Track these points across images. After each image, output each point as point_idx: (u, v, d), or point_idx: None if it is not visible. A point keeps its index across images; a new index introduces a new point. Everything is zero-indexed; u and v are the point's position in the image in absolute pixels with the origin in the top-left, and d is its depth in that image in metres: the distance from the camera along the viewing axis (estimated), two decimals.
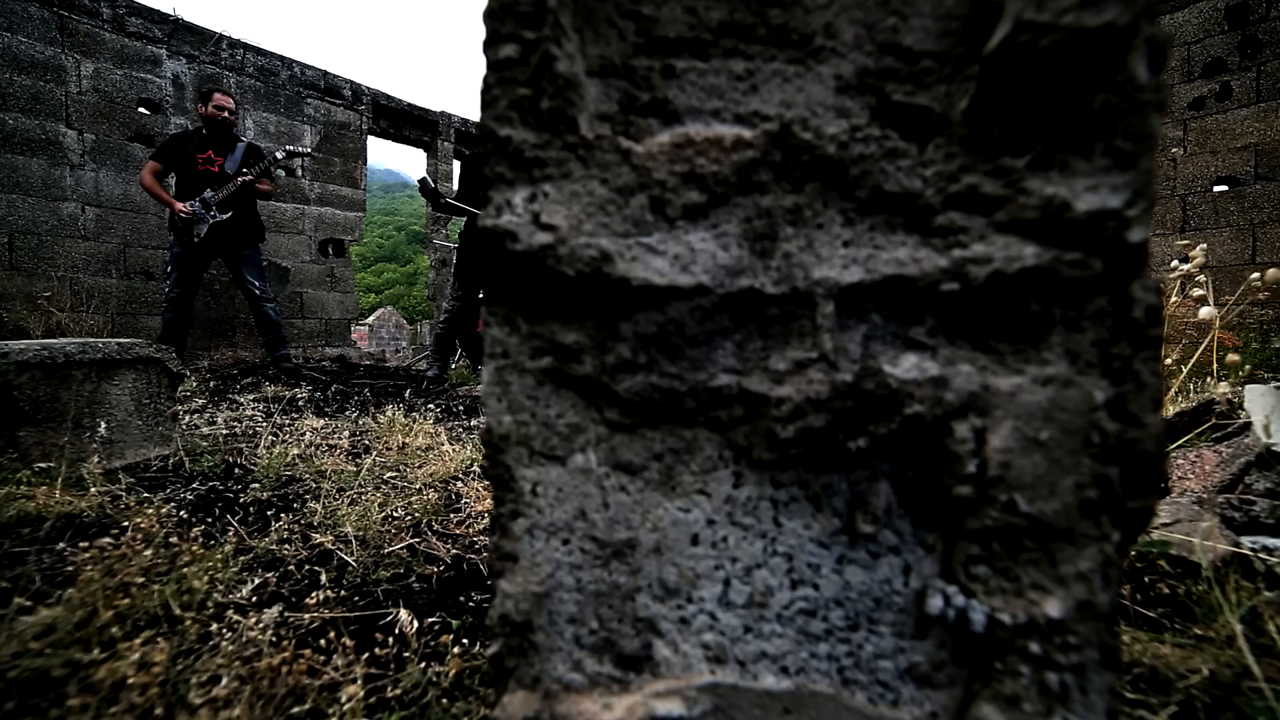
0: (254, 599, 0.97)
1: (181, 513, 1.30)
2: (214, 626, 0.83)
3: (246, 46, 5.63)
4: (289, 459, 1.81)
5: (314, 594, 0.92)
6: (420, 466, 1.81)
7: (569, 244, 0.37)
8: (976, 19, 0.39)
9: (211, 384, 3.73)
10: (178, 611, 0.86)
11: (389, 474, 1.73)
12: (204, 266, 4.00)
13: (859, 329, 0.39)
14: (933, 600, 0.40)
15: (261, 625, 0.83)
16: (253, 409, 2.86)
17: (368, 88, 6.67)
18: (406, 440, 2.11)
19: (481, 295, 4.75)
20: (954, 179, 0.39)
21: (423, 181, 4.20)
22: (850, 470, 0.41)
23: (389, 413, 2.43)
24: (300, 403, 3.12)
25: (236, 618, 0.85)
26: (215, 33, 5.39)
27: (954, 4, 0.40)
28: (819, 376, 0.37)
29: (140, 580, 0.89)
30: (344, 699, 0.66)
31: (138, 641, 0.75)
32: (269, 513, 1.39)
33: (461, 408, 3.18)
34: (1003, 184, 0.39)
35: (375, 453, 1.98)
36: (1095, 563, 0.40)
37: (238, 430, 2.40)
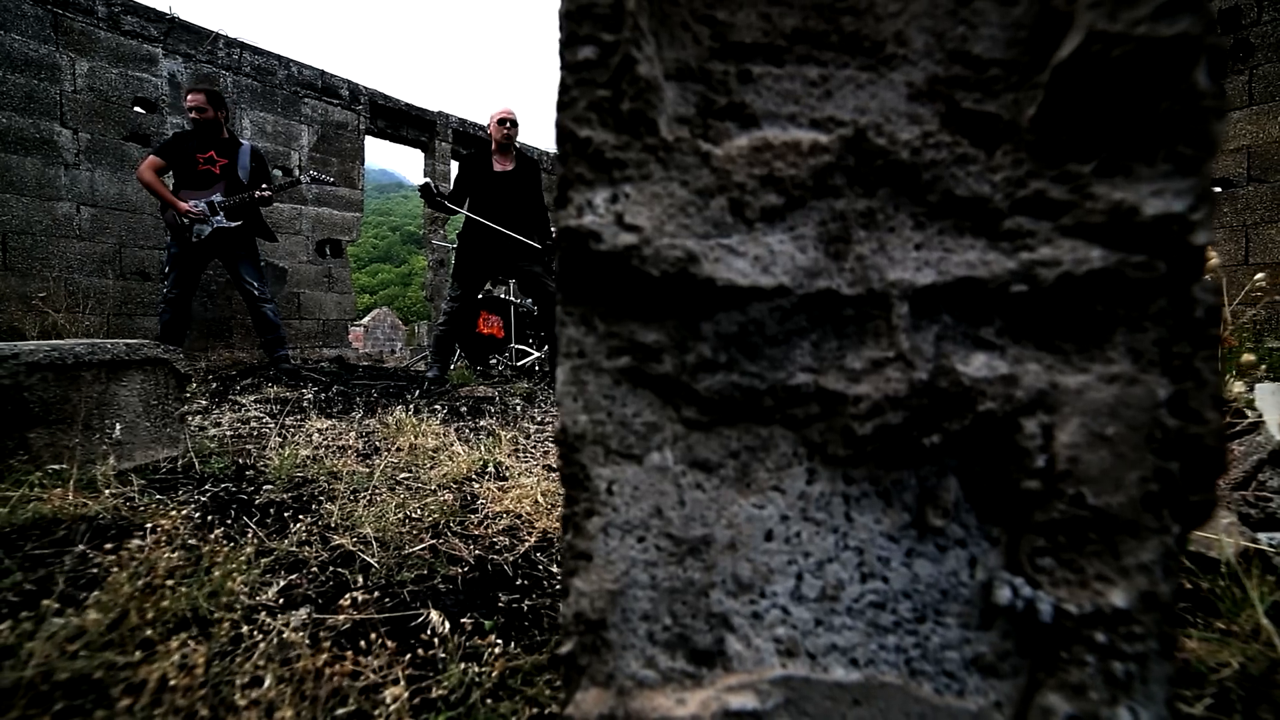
0: (280, 600, 0.97)
1: (198, 515, 1.29)
2: (245, 629, 0.83)
3: (243, 45, 5.59)
4: (299, 460, 1.80)
5: (345, 595, 0.92)
6: (432, 468, 1.81)
7: (654, 245, 0.38)
8: (1044, 28, 0.40)
9: (212, 385, 3.70)
10: (210, 614, 0.86)
11: (402, 475, 1.73)
12: (203, 267, 3.95)
13: (931, 329, 0.40)
14: (1001, 591, 0.41)
15: (294, 626, 0.83)
16: (257, 410, 2.84)
17: (365, 87, 6.64)
18: (416, 441, 2.10)
19: (481, 296, 4.73)
20: (1022, 184, 0.40)
21: (424, 187, 4.09)
22: (919, 466, 0.41)
23: (396, 413, 2.43)
24: (304, 404, 3.10)
25: (267, 619, 0.85)
26: (212, 31, 5.35)
27: (1022, 14, 0.41)
28: (896, 375, 0.38)
29: (169, 583, 0.89)
30: (389, 700, 0.66)
31: (174, 644, 0.75)
32: (285, 514, 1.38)
33: (465, 408, 3.17)
34: (1069, 189, 0.40)
35: (386, 454, 1.98)
36: (1157, 554, 0.41)
37: (244, 432, 2.38)
